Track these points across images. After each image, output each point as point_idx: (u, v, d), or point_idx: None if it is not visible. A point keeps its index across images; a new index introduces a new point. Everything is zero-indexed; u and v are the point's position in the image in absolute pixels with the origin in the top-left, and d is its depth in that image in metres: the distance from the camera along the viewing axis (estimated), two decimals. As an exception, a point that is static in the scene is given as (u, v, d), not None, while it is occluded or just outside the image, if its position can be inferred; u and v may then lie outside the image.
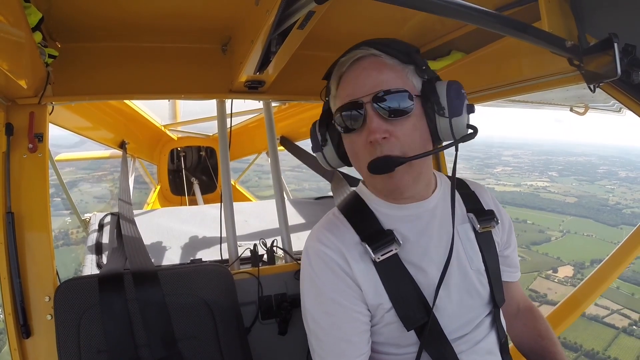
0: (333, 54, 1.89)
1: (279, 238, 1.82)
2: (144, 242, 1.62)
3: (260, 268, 1.59)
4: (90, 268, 1.73)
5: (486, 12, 0.87)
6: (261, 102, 1.95)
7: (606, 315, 24.71)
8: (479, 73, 1.63)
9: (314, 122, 1.08)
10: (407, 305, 0.94)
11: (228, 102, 1.85)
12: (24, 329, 1.26)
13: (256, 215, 2.43)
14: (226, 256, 1.76)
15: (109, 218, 2.13)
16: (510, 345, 1.13)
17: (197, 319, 1.33)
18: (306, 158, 2.98)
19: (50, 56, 1.36)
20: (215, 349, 1.34)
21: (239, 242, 1.76)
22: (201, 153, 4.38)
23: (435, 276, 0.96)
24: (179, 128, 4.13)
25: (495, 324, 1.07)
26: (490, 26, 0.92)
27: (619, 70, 0.97)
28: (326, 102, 1.06)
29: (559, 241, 37.85)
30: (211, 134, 4.26)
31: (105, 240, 1.94)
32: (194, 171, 4.39)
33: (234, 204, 1.81)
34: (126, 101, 2.86)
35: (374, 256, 0.94)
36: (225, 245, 1.79)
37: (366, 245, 0.95)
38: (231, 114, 1.85)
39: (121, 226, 1.72)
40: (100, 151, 4.11)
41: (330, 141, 1.04)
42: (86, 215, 2.40)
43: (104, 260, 1.77)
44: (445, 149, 0.97)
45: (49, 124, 1.45)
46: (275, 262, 1.75)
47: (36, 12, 1.16)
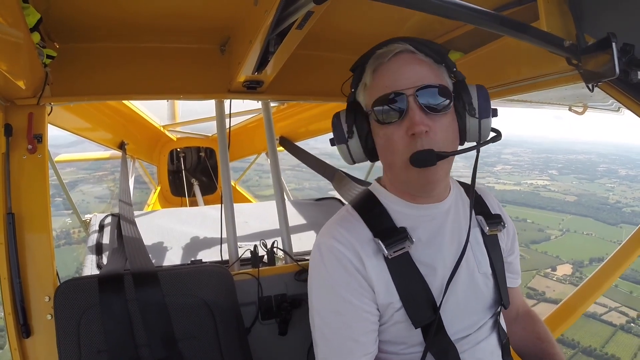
0: (332, 53, 1.92)
1: (279, 239, 1.82)
2: (145, 243, 1.62)
3: (260, 269, 1.59)
4: (90, 268, 1.73)
5: (485, 12, 0.87)
6: (260, 102, 1.95)
7: (604, 313, 24.64)
8: (477, 73, 1.63)
9: (337, 113, 1.03)
10: (416, 304, 0.94)
11: (227, 102, 1.85)
12: (24, 328, 1.26)
13: (256, 216, 2.43)
14: (226, 257, 1.76)
15: (109, 219, 2.13)
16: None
17: (197, 319, 1.33)
18: (306, 158, 2.97)
19: (49, 57, 1.35)
20: (215, 350, 1.34)
21: (239, 243, 1.76)
22: (201, 154, 4.38)
23: (445, 277, 0.96)
24: (178, 129, 4.12)
25: (496, 325, 1.08)
26: (488, 26, 0.92)
27: (617, 70, 0.97)
28: (352, 93, 1.02)
29: (559, 240, 37.72)
30: (210, 135, 4.26)
31: (105, 240, 1.94)
32: (194, 172, 4.38)
33: (234, 205, 1.80)
34: (125, 102, 2.86)
35: (386, 252, 0.93)
36: (225, 246, 1.79)
37: (379, 241, 0.94)
38: (230, 114, 1.85)
39: (121, 227, 1.72)
40: (100, 152, 4.10)
41: (357, 134, 0.99)
42: (87, 216, 2.40)
43: (104, 260, 1.77)
44: (480, 147, 0.96)
45: (48, 124, 1.45)
46: (275, 263, 1.75)
47: (34, 13, 1.15)
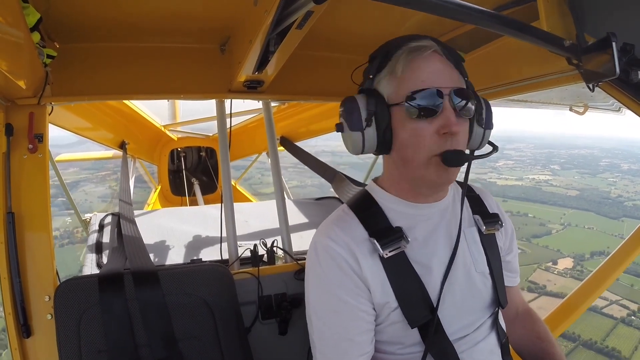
0: (332, 53, 1.92)
1: (279, 238, 1.82)
2: (145, 242, 1.63)
3: (260, 268, 1.59)
4: (90, 268, 1.73)
5: (485, 12, 0.87)
6: (260, 102, 1.95)
7: (605, 306, 24.45)
8: (477, 73, 1.61)
9: (350, 97, 0.97)
10: (412, 303, 0.94)
11: (227, 102, 1.85)
12: (24, 328, 1.26)
13: (256, 215, 2.43)
14: (226, 256, 1.76)
15: (109, 218, 2.13)
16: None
17: (197, 318, 1.34)
18: (306, 158, 2.97)
19: (49, 56, 1.36)
20: (215, 349, 1.34)
21: (239, 243, 1.76)
22: (201, 153, 4.38)
23: (441, 276, 0.97)
24: (178, 128, 4.13)
25: (495, 325, 1.07)
26: (488, 26, 0.92)
27: (617, 69, 0.97)
28: (370, 80, 0.97)
29: (560, 234, 37.43)
30: (211, 134, 4.26)
31: (105, 240, 1.94)
32: (194, 171, 4.39)
33: (235, 204, 1.81)
34: (125, 101, 2.86)
35: (382, 252, 0.93)
36: (225, 245, 1.79)
37: (374, 241, 0.94)
38: (230, 114, 1.85)
39: (121, 226, 1.72)
40: (101, 151, 4.11)
41: (375, 123, 0.95)
42: (87, 216, 2.40)
43: (104, 260, 1.77)
44: (491, 154, 1.00)
45: (49, 124, 1.45)
46: (275, 262, 1.75)
47: (34, 13, 1.15)
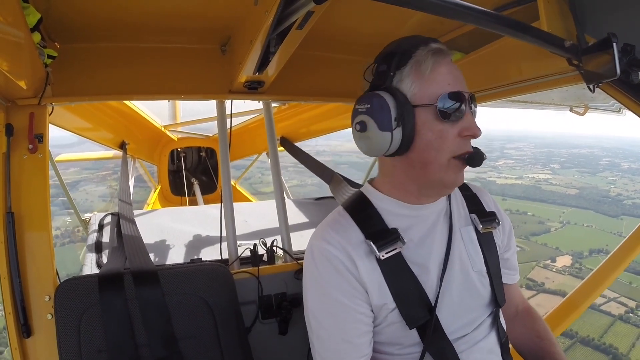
0: (333, 54, 1.92)
1: (278, 237, 1.82)
2: (144, 242, 1.63)
3: (260, 268, 1.59)
4: (90, 267, 1.73)
5: (485, 12, 0.87)
6: (261, 102, 1.95)
7: (603, 303, 24.39)
8: (477, 73, 1.63)
9: (374, 93, 0.93)
10: (410, 304, 0.94)
11: (228, 102, 1.85)
12: (25, 328, 1.26)
13: (256, 215, 2.43)
14: (226, 256, 1.76)
15: (109, 218, 2.13)
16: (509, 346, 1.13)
17: (197, 318, 1.34)
18: (305, 159, 2.96)
19: (50, 57, 1.36)
20: (215, 349, 1.34)
21: (239, 242, 1.76)
22: (201, 153, 4.38)
23: (438, 276, 0.97)
24: (179, 129, 4.13)
25: (495, 324, 1.07)
26: (489, 26, 0.92)
27: (618, 70, 0.96)
28: (390, 78, 0.93)
29: (559, 232, 37.41)
30: (211, 135, 4.26)
31: (105, 239, 1.94)
32: (194, 172, 4.39)
33: (234, 204, 1.81)
34: (126, 102, 2.86)
35: (378, 254, 0.94)
36: (225, 245, 1.79)
37: (371, 243, 0.94)
38: (231, 114, 1.85)
39: (121, 226, 1.72)
40: (101, 151, 4.10)
41: (403, 123, 0.91)
42: (86, 215, 2.40)
43: (103, 259, 1.77)
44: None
45: (49, 124, 1.45)
46: (275, 262, 1.75)
47: (35, 13, 1.16)
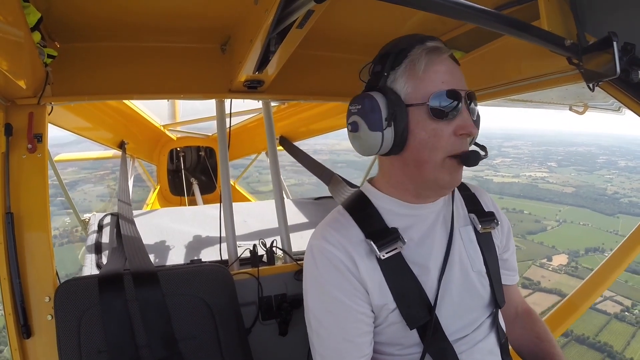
0: (333, 53, 1.92)
1: (278, 238, 1.81)
2: (144, 243, 1.62)
3: (260, 268, 1.59)
4: (90, 268, 1.73)
5: (485, 11, 0.87)
6: (260, 101, 1.95)
7: (599, 302, 24.19)
8: (478, 72, 1.63)
9: (367, 93, 0.94)
10: (410, 304, 0.94)
11: (227, 101, 1.85)
12: (25, 329, 1.26)
13: (255, 215, 2.43)
14: (226, 256, 1.76)
15: (108, 218, 2.13)
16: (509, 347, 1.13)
17: (197, 319, 1.33)
18: (304, 159, 2.96)
19: (50, 56, 1.36)
20: (215, 350, 1.34)
21: (238, 243, 1.75)
22: (200, 153, 4.38)
23: (437, 276, 0.97)
24: (178, 128, 4.12)
25: (495, 325, 1.07)
26: (489, 25, 0.91)
27: (618, 69, 0.96)
28: (382, 78, 0.94)
29: (555, 230, 37.41)
30: (210, 134, 4.26)
31: (104, 240, 1.94)
32: (194, 171, 4.38)
33: (234, 204, 1.80)
34: (125, 101, 2.86)
35: (379, 253, 0.93)
36: (224, 245, 1.79)
37: (371, 242, 0.94)
38: (230, 113, 1.85)
39: (120, 226, 1.72)
40: (100, 151, 4.10)
41: (394, 123, 0.92)
42: (85, 216, 2.40)
43: (103, 260, 1.77)
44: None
45: (48, 124, 1.45)
46: (275, 263, 1.75)
47: (35, 12, 1.15)
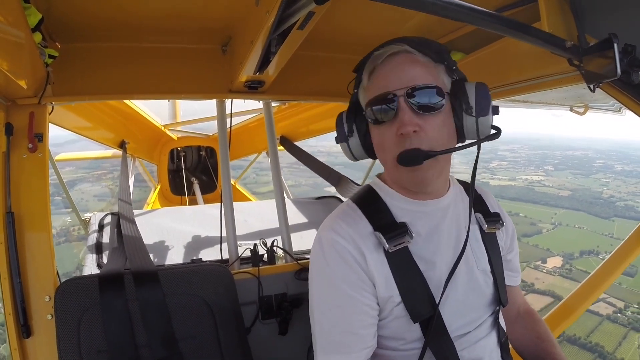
0: (333, 54, 1.93)
1: (279, 238, 1.82)
2: (145, 242, 1.63)
3: (260, 268, 1.59)
4: (91, 268, 1.73)
5: (486, 13, 0.87)
6: (261, 102, 1.96)
7: (592, 304, 24.45)
8: (478, 73, 1.62)
9: (340, 113, 1.08)
10: (415, 299, 0.95)
11: (228, 102, 1.85)
12: (25, 328, 1.26)
13: (256, 215, 2.44)
14: (226, 256, 1.76)
15: (109, 218, 2.13)
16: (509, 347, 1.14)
17: (197, 319, 1.34)
18: (306, 159, 2.96)
19: (50, 56, 1.36)
20: (215, 349, 1.34)
21: (239, 242, 1.76)
22: (201, 153, 4.38)
23: (444, 273, 0.97)
24: (178, 128, 4.13)
25: (496, 324, 1.08)
26: (490, 27, 0.92)
27: (618, 71, 0.97)
28: (354, 94, 1.06)
29: (550, 233, 37.47)
30: (211, 134, 4.26)
31: (105, 240, 1.94)
32: (194, 171, 4.39)
33: (234, 203, 1.81)
34: (126, 101, 2.86)
35: (387, 246, 0.94)
36: (225, 245, 1.79)
37: (380, 235, 0.95)
38: (231, 114, 1.85)
39: (121, 226, 1.72)
40: (100, 151, 4.10)
41: (357, 132, 1.04)
42: (86, 215, 2.40)
43: (104, 260, 1.77)
44: (473, 145, 0.98)
45: (49, 124, 1.45)
46: (275, 262, 1.75)
47: (36, 13, 1.16)
